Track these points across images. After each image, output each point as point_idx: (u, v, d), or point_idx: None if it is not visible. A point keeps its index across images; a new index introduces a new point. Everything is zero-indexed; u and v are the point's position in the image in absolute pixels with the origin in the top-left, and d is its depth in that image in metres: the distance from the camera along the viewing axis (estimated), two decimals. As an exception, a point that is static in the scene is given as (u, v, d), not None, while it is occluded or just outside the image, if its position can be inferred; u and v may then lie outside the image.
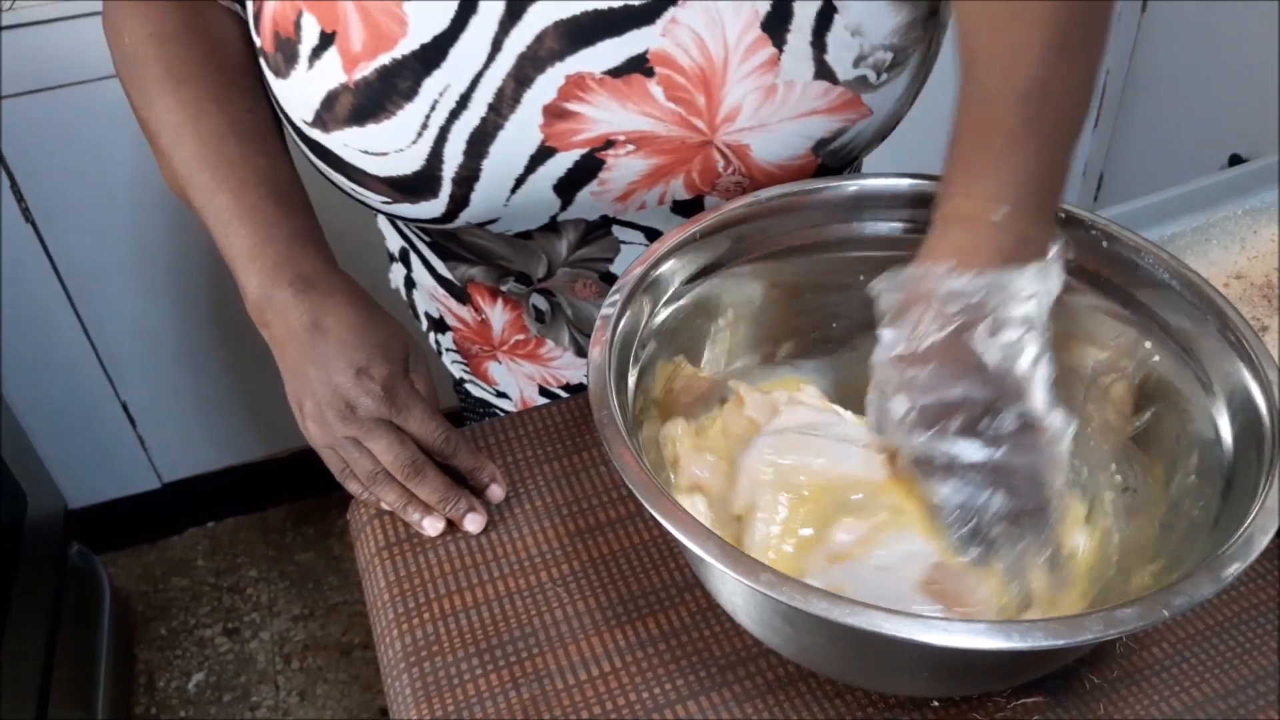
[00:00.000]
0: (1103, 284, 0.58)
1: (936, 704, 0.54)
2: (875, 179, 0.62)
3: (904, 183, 0.62)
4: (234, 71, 0.64)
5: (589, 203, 0.64)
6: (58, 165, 1.37)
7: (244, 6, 0.63)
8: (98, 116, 1.33)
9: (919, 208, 0.62)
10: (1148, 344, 0.56)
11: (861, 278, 0.64)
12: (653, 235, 0.69)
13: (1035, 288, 0.51)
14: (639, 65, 0.58)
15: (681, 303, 0.59)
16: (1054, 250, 0.52)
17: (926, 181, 0.61)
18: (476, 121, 0.59)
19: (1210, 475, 0.51)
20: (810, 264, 0.63)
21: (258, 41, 0.62)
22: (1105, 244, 0.58)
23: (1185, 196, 0.83)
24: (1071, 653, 0.51)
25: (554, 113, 0.59)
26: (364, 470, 0.61)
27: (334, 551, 1.81)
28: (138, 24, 0.64)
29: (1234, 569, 0.43)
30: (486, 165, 0.60)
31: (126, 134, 1.18)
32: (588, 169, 0.61)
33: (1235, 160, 1.60)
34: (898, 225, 0.62)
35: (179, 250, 1.50)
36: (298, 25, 0.59)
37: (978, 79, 0.53)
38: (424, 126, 0.59)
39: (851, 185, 0.62)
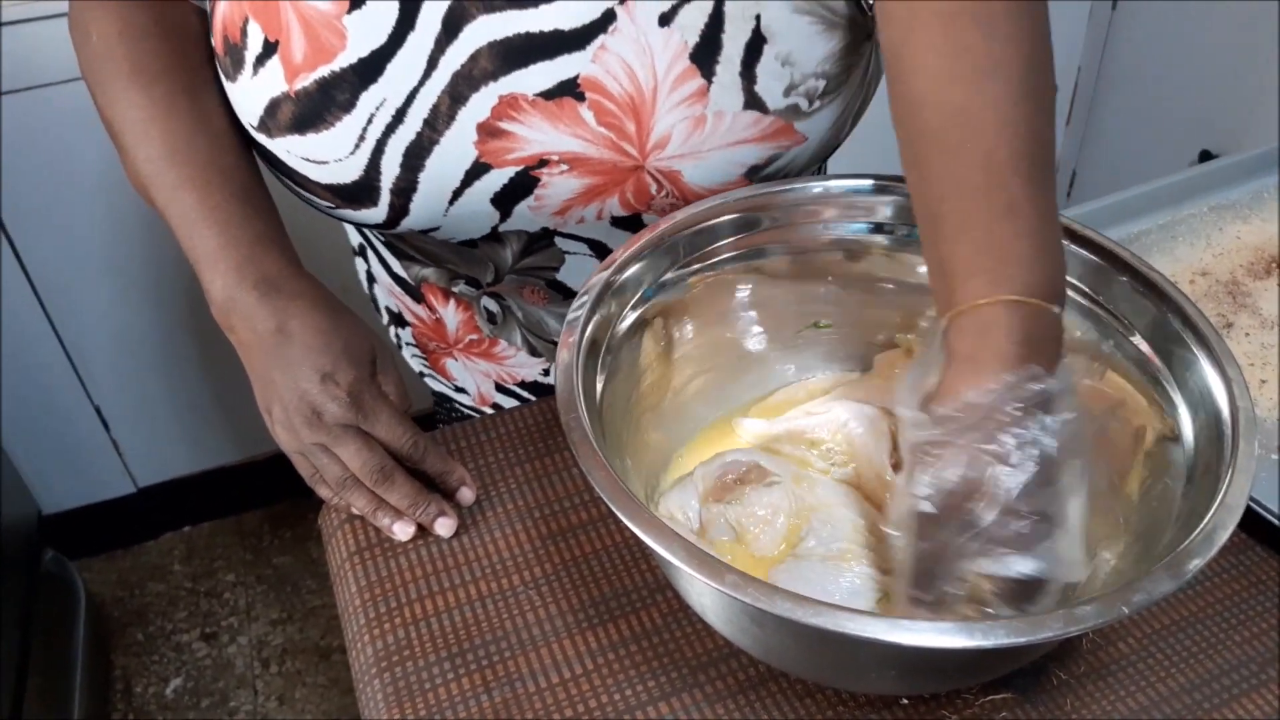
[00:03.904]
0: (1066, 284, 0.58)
1: (905, 702, 0.54)
2: (840, 180, 0.62)
3: (867, 183, 0.62)
4: (203, 69, 0.64)
5: (528, 216, 0.64)
6: (26, 167, 1.36)
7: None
8: (66, 118, 1.32)
9: (886, 207, 0.62)
10: (1110, 342, 0.57)
11: (830, 279, 0.64)
12: (596, 247, 0.69)
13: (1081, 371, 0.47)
14: (570, 89, 0.58)
15: (648, 305, 0.59)
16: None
17: (892, 182, 0.61)
18: (412, 136, 0.59)
19: (1172, 471, 0.52)
20: (781, 265, 0.64)
21: (213, 43, 0.62)
22: (1068, 243, 0.58)
23: (1152, 194, 0.83)
24: (1037, 650, 0.52)
25: (488, 131, 0.59)
26: (333, 476, 0.61)
27: (312, 555, 1.81)
28: (106, 22, 0.63)
29: (1194, 564, 0.43)
30: (423, 178, 0.61)
31: (96, 135, 1.16)
32: (523, 185, 0.61)
33: (1206, 156, 1.62)
34: (864, 225, 0.63)
35: (152, 252, 1.49)
36: (244, 31, 0.59)
37: (964, 143, 0.48)
38: (361, 138, 0.59)
39: (816, 186, 0.62)
